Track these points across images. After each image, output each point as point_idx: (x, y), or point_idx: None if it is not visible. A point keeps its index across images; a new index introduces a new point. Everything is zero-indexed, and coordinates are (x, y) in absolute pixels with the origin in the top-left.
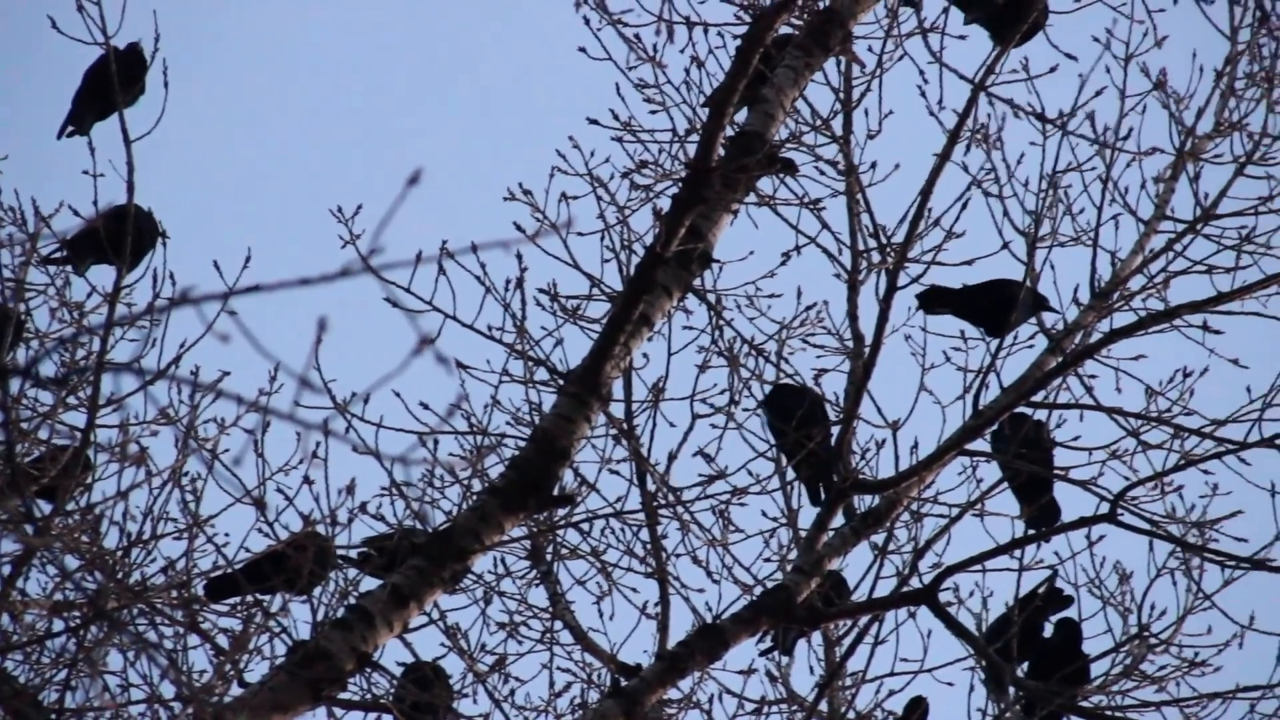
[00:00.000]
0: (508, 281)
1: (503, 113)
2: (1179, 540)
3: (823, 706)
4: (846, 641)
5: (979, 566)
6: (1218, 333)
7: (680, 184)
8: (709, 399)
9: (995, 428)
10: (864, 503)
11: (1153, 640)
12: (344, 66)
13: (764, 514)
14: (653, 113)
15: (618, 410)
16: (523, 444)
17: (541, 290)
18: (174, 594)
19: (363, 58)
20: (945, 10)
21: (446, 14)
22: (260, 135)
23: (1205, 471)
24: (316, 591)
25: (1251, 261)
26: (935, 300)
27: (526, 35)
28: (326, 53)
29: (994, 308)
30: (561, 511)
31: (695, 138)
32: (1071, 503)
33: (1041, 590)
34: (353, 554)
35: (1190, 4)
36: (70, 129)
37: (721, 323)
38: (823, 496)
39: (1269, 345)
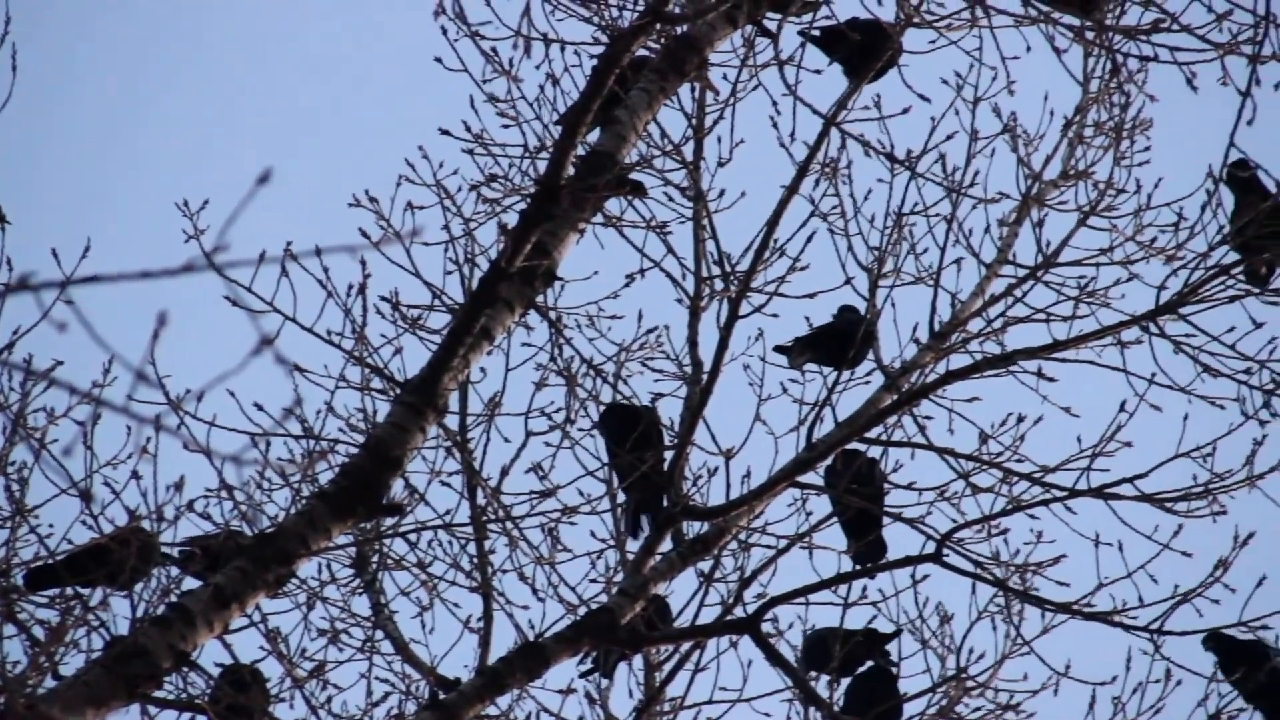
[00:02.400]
0: (350, 287)
1: (356, 118)
2: (1001, 584)
3: None
4: (667, 667)
5: (803, 599)
6: (1052, 380)
7: (528, 200)
8: (547, 413)
9: (828, 462)
10: (693, 529)
11: (970, 683)
12: (197, 60)
13: (593, 534)
14: (505, 127)
15: (452, 422)
16: (355, 451)
17: (383, 298)
18: None
19: (218, 52)
20: (802, 44)
21: (305, 14)
22: (107, 125)
23: (1032, 517)
24: (138, 587)
25: (1089, 312)
26: (800, 348)
27: (384, 42)
28: (180, 45)
29: (837, 342)
30: (390, 521)
31: (546, 154)
32: (899, 541)
33: (864, 637)
34: (177, 552)
35: (1044, 48)
36: None
37: (561, 341)
38: (643, 525)
39: (1101, 396)
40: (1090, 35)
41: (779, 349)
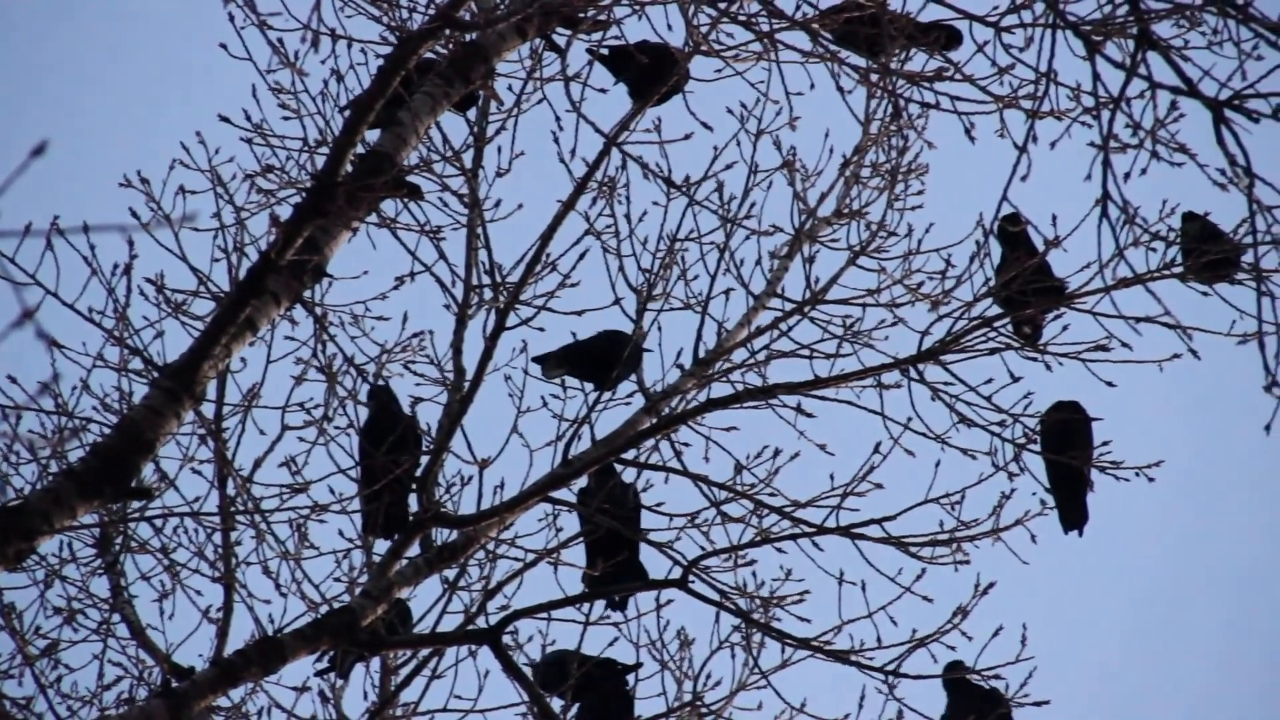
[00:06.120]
0: (115, 267)
1: (133, 97)
2: (744, 615)
3: None
4: (404, 671)
5: (546, 615)
6: (810, 416)
7: (304, 194)
8: (305, 408)
9: (583, 481)
10: (442, 536)
11: (704, 710)
12: None
13: (341, 533)
14: (286, 119)
15: (209, 410)
16: (108, 431)
17: (148, 280)
18: None
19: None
20: (589, 62)
21: None
22: None
23: (780, 550)
24: None
25: (852, 352)
26: (558, 361)
27: (168, 22)
28: None
29: (601, 360)
30: (137, 504)
31: (325, 150)
32: (647, 565)
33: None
34: None
35: (829, 86)
36: None
37: (325, 337)
38: (392, 528)
39: (857, 436)
40: (875, 77)
41: (537, 359)
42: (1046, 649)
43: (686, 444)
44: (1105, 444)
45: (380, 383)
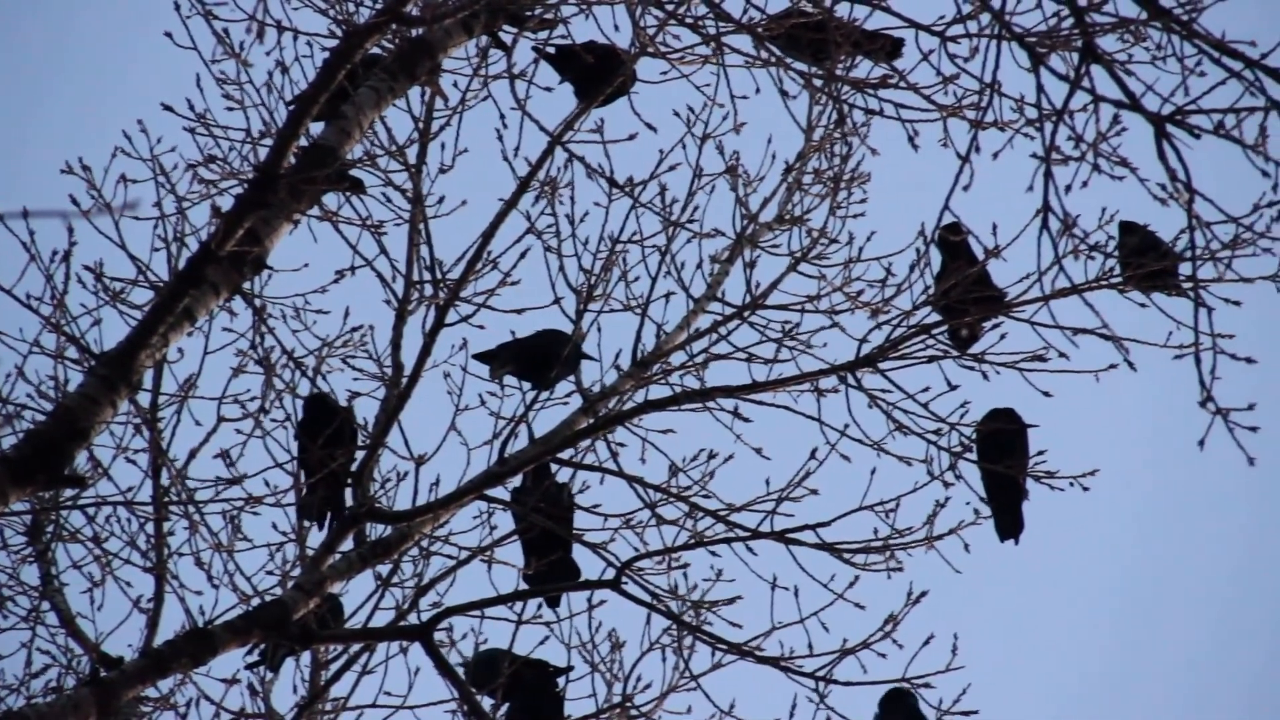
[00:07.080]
0: (54, 253)
1: (75, 84)
2: (676, 617)
3: None
4: (334, 666)
5: (479, 613)
6: (747, 420)
7: (246, 185)
8: (241, 400)
9: (518, 480)
10: (376, 531)
11: (633, 711)
12: None
13: (274, 526)
14: (229, 109)
15: (145, 400)
16: (42, 418)
17: (87, 268)
18: None
19: None
20: (535, 60)
21: None
22: None
23: (713, 554)
24: None
25: (790, 357)
26: (503, 360)
27: (116, 9)
28: None
29: (540, 359)
30: (69, 492)
31: (269, 142)
32: (581, 565)
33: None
34: None
35: (773, 92)
36: None
37: (264, 330)
38: (328, 521)
39: (793, 441)
40: (819, 83)
41: (480, 357)
42: (978, 658)
43: (622, 444)
44: (1041, 453)
45: (316, 391)
